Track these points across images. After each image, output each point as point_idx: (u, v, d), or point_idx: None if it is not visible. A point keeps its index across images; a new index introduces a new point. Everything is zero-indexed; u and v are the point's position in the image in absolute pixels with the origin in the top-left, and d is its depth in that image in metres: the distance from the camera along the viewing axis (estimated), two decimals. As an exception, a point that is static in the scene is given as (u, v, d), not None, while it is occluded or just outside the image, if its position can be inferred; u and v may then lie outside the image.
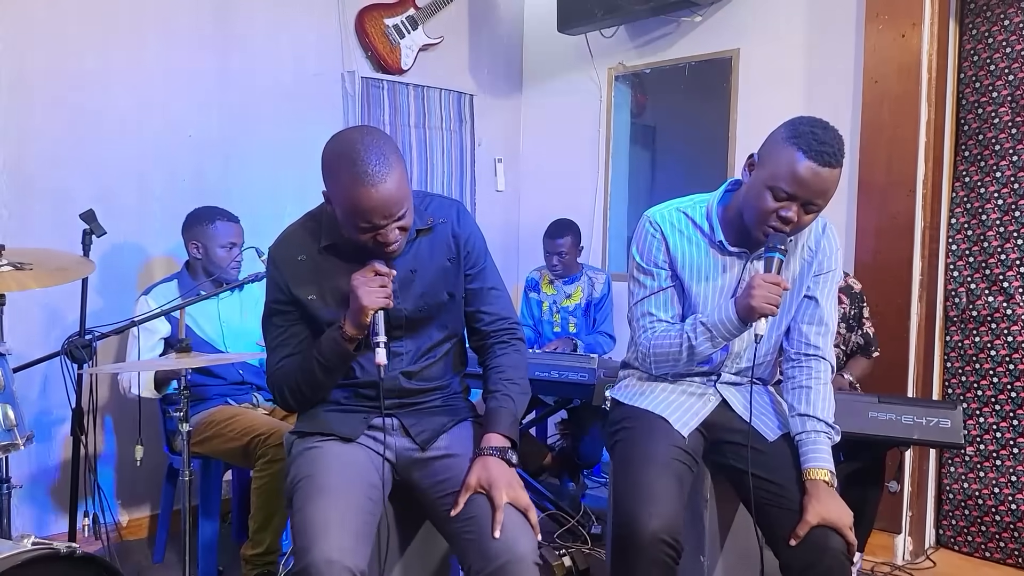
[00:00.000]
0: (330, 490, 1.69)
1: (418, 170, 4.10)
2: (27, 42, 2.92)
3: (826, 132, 1.75)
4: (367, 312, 1.70)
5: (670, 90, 4.00)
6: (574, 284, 3.86)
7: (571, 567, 2.84)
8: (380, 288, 1.71)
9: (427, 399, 1.91)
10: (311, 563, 1.55)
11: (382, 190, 1.62)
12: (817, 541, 1.75)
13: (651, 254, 1.98)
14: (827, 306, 1.98)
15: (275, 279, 1.85)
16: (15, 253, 2.19)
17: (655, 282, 1.98)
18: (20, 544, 1.71)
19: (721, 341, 1.89)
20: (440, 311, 1.88)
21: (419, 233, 1.85)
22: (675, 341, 1.93)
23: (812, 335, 1.97)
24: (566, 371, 2.92)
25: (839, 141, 1.77)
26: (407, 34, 3.97)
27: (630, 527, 1.73)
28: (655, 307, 1.99)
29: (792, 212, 1.77)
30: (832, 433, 1.90)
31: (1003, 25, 2.99)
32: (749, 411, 1.93)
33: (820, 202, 1.77)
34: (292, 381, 1.85)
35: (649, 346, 1.98)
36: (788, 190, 1.75)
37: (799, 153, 1.73)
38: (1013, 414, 2.99)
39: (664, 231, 1.97)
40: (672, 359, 1.95)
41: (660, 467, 1.84)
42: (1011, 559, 3.01)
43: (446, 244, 1.87)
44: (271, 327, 1.89)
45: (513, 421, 1.82)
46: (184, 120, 3.31)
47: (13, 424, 2.06)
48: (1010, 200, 2.98)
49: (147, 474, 3.09)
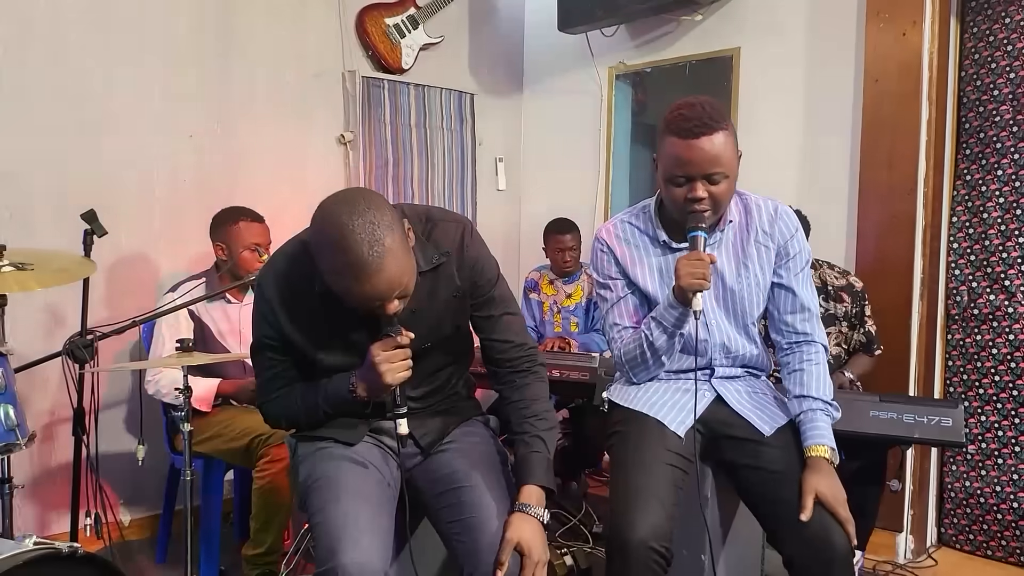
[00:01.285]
0: (351, 490, 1.67)
1: (419, 170, 4.10)
2: (28, 42, 2.92)
3: (691, 108, 1.80)
4: (388, 388, 1.63)
5: (671, 89, 4.00)
6: (574, 283, 3.86)
7: (572, 566, 2.84)
8: (402, 362, 1.64)
9: (432, 402, 1.89)
10: (341, 565, 1.53)
11: (377, 280, 1.51)
12: (820, 536, 1.75)
13: (603, 269, 2.05)
14: (804, 291, 1.99)
15: (265, 316, 1.72)
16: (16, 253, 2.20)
17: (614, 293, 2.03)
18: (22, 544, 1.71)
19: (672, 329, 1.91)
20: (446, 343, 1.83)
21: (431, 268, 1.74)
22: (637, 342, 1.96)
23: (798, 323, 1.99)
24: (568, 370, 2.92)
25: (708, 106, 1.80)
26: (408, 33, 3.97)
27: (619, 533, 1.75)
28: (619, 317, 2.03)
29: (698, 190, 1.81)
30: (830, 409, 1.91)
31: (1004, 23, 2.98)
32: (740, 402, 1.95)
33: (718, 169, 1.80)
34: (292, 414, 1.80)
35: (620, 354, 2.02)
36: (680, 173, 1.82)
37: (671, 137, 1.82)
38: (1015, 412, 2.99)
39: (610, 245, 2.03)
40: (640, 360, 1.98)
41: (652, 473, 1.84)
42: (1012, 557, 3.01)
43: (451, 279, 1.77)
44: (262, 359, 1.79)
45: (547, 467, 1.77)
46: (185, 120, 3.32)
47: (15, 424, 2.06)
48: (1011, 198, 2.98)
49: (149, 474, 3.09)
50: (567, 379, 2.91)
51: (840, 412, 1.94)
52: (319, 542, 1.61)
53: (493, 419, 2.00)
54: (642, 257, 2.02)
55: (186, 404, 2.31)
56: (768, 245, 1.97)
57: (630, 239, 2.04)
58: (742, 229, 1.97)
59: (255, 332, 1.78)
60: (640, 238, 2.03)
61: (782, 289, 1.99)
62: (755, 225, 1.97)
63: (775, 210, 1.99)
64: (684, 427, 1.95)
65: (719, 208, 1.88)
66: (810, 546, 1.76)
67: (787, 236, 1.97)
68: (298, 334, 1.72)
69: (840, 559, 1.74)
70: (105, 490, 2.68)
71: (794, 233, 1.98)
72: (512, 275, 4.34)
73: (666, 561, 1.74)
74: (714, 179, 1.81)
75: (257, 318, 1.76)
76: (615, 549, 1.75)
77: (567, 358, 3.04)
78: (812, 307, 2.00)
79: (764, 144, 3.54)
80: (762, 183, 3.51)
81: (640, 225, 2.04)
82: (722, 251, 1.97)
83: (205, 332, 2.85)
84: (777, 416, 1.97)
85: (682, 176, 1.82)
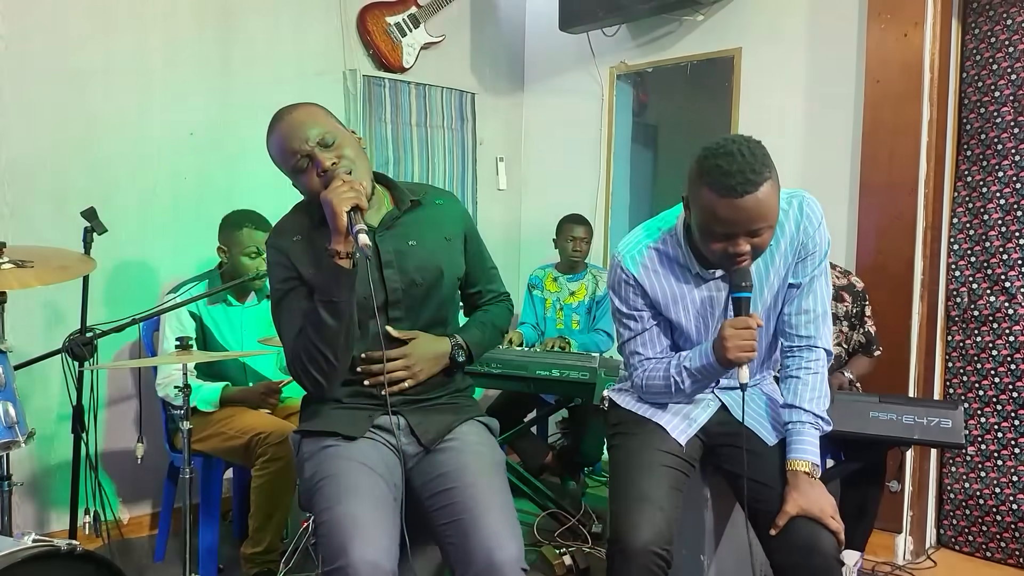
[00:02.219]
0: (359, 489, 1.68)
1: (419, 169, 4.10)
2: (29, 39, 2.92)
3: (731, 159, 1.62)
4: (340, 214, 1.67)
5: (672, 89, 4.00)
6: (578, 281, 3.87)
7: (571, 566, 2.84)
8: (348, 189, 1.69)
9: (432, 396, 1.90)
10: (352, 563, 1.53)
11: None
12: (806, 542, 1.74)
13: (629, 301, 1.93)
14: (814, 291, 1.88)
15: (279, 262, 1.84)
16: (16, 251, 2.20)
17: (639, 324, 1.94)
18: (21, 541, 1.71)
19: (709, 382, 1.90)
20: (435, 288, 1.89)
21: (413, 204, 1.90)
22: (664, 382, 1.91)
23: (802, 326, 1.89)
24: (567, 370, 2.92)
25: (752, 158, 1.63)
26: (409, 32, 3.97)
27: (620, 537, 1.74)
28: (642, 347, 1.96)
29: (739, 246, 1.69)
30: (819, 423, 1.85)
31: (1005, 24, 2.98)
32: (742, 413, 1.88)
33: (761, 224, 1.67)
34: (306, 342, 1.76)
35: (642, 383, 1.97)
36: (721, 231, 1.69)
37: (712, 194, 1.65)
38: (1014, 414, 2.99)
39: (638, 278, 1.90)
40: (663, 394, 1.95)
41: (654, 477, 1.84)
42: (1012, 559, 3.00)
43: (444, 222, 1.94)
44: (283, 312, 1.84)
45: (478, 340, 1.96)
46: (186, 118, 3.31)
47: (14, 422, 2.06)
48: (1012, 200, 2.98)
49: (148, 472, 3.09)
50: (567, 379, 2.92)
51: (831, 425, 1.89)
52: (328, 540, 1.61)
53: (494, 421, 2.00)
54: (673, 291, 1.90)
55: (185, 402, 2.31)
56: (790, 249, 1.87)
57: (657, 269, 1.90)
58: (774, 244, 1.84)
59: (273, 283, 1.87)
60: (669, 267, 1.90)
61: (793, 287, 1.90)
62: (787, 230, 1.85)
63: (800, 207, 1.85)
64: (686, 436, 1.94)
65: (760, 254, 1.77)
66: (797, 553, 1.75)
67: (810, 233, 1.85)
68: (303, 266, 1.81)
69: (826, 566, 1.74)
70: (104, 488, 2.68)
71: (816, 229, 1.85)
72: (512, 274, 4.35)
73: (667, 564, 1.74)
74: (756, 233, 1.69)
75: (272, 268, 1.86)
76: (616, 553, 1.75)
77: (567, 358, 3.04)
78: (819, 308, 1.89)
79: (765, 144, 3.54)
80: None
81: (668, 251, 1.90)
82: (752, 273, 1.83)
83: (207, 334, 2.85)
84: (781, 427, 1.94)
85: (722, 232, 1.69)
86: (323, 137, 1.76)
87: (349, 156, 1.78)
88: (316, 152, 1.76)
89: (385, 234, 1.86)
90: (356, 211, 1.68)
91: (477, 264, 2.03)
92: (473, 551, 1.62)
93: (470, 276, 2.02)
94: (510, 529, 1.67)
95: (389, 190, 1.94)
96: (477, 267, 2.03)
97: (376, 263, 1.83)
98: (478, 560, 1.61)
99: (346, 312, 1.74)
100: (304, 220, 1.87)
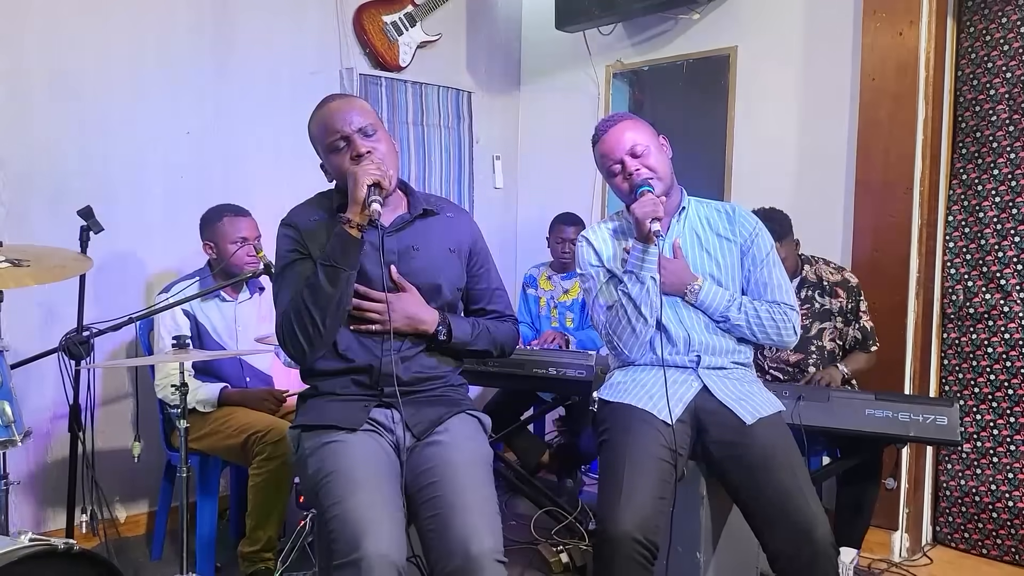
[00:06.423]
0: (366, 483, 1.70)
1: (416, 167, 4.10)
2: (25, 39, 2.91)
3: (602, 122, 2.21)
4: (362, 184, 1.78)
5: (668, 88, 4.00)
6: (572, 279, 3.87)
7: (568, 563, 2.84)
8: (376, 168, 1.81)
9: (426, 388, 1.93)
10: (366, 556, 1.55)
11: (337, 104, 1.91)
12: (802, 531, 1.78)
13: (585, 260, 2.26)
14: (772, 276, 2.18)
15: (290, 235, 1.93)
16: (13, 250, 2.20)
17: (595, 282, 2.23)
18: (17, 540, 1.71)
19: (645, 275, 2.04)
20: (433, 295, 1.96)
21: (426, 212, 1.99)
22: (619, 311, 2.11)
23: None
24: (564, 368, 2.92)
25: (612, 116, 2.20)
26: (405, 31, 3.97)
27: (605, 526, 1.78)
28: (603, 299, 2.20)
29: (631, 167, 2.11)
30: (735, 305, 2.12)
31: (1000, 23, 2.99)
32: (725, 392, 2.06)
33: (636, 143, 2.12)
34: (299, 304, 1.81)
35: (606, 327, 2.15)
36: (612, 164, 2.15)
37: (597, 147, 2.20)
38: (1010, 411, 3.00)
39: (590, 240, 2.27)
40: (624, 321, 2.09)
41: (639, 467, 1.88)
42: (1008, 556, 3.01)
43: (451, 235, 2.02)
44: (284, 279, 1.91)
45: (466, 331, 1.98)
46: (182, 117, 3.31)
47: (11, 420, 2.06)
48: (1007, 198, 2.99)
49: (145, 471, 3.09)
50: (564, 376, 2.92)
51: (728, 324, 2.13)
52: (339, 533, 1.62)
53: (485, 417, 2.01)
54: (620, 251, 2.20)
55: (182, 401, 2.31)
56: (730, 239, 2.19)
57: (607, 238, 2.26)
58: (694, 222, 2.23)
59: (280, 252, 1.96)
60: (620, 236, 2.25)
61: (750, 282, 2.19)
62: (702, 215, 2.24)
63: (733, 211, 2.22)
64: (672, 416, 1.98)
65: (657, 174, 2.11)
66: (792, 539, 1.78)
67: (752, 233, 2.19)
68: (314, 245, 1.89)
69: (822, 552, 1.76)
70: (101, 487, 2.68)
71: (754, 230, 2.19)
72: (509, 272, 4.35)
73: (651, 553, 1.76)
74: (636, 152, 2.12)
75: (281, 240, 1.96)
76: (601, 541, 1.79)
77: (564, 355, 3.04)
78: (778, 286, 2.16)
79: (760, 142, 3.55)
80: (758, 181, 3.53)
81: (622, 225, 2.27)
82: (685, 233, 2.21)
83: (201, 331, 2.85)
84: (759, 407, 2.02)
85: (616, 163, 2.13)
86: (365, 127, 1.89)
87: (382, 151, 1.90)
88: (355, 137, 1.87)
89: (393, 235, 1.94)
90: (376, 187, 1.79)
91: (482, 282, 2.08)
92: (450, 544, 1.65)
93: (473, 293, 2.08)
94: (487, 522, 1.68)
95: (407, 196, 2.03)
96: (482, 285, 2.08)
97: (378, 259, 1.87)
98: (455, 553, 1.63)
99: (343, 282, 1.81)
100: (325, 203, 1.97)
